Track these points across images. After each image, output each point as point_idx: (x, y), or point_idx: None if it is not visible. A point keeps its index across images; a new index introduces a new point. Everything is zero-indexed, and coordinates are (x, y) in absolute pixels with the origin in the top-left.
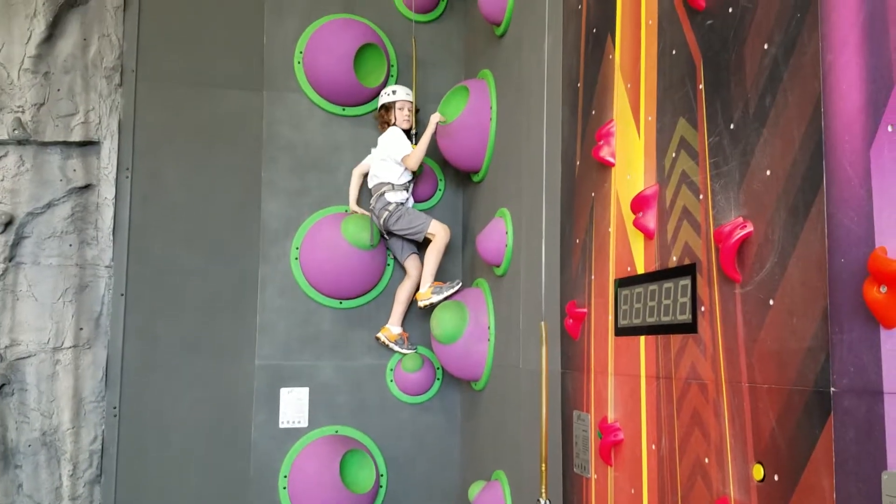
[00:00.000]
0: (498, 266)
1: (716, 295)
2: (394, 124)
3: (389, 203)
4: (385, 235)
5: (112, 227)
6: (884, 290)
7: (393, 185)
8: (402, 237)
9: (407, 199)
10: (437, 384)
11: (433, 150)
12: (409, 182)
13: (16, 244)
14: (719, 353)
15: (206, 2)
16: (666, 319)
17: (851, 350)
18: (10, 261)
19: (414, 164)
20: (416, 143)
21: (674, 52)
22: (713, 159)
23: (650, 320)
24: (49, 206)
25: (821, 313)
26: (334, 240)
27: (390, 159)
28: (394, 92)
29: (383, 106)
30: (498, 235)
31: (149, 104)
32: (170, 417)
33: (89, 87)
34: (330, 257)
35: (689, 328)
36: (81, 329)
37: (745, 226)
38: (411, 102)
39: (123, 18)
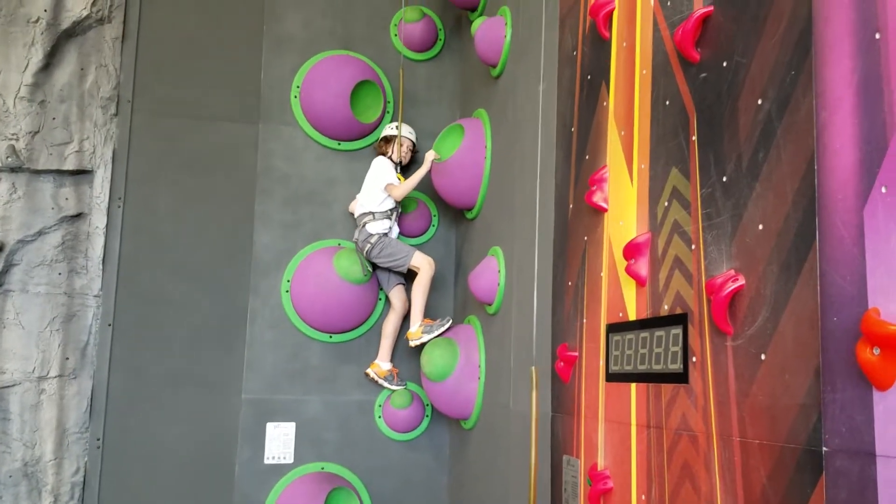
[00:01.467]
0: (490, 304)
1: (707, 346)
2: (389, 156)
3: (371, 235)
4: (371, 268)
5: (102, 256)
6: (877, 351)
7: (374, 214)
8: (387, 268)
9: (389, 228)
10: (425, 422)
11: (427, 186)
12: (390, 210)
13: (5, 271)
14: (710, 406)
15: (205, 35)
16: (657, 368)
17: (844, 410)
18: None
19: (399, 194)
20: (400, 174)
21: (667, 102)
22: (705, 210)
23: (641, 368)
24: (40, 234)
25: (813, 371)
26: (326, 273)
27: (374, 187)
28: (396, 127)
29: (384, 137)
30: (490, 273)
31: (144, 135)
32: (154, 450)
33: (85, 116)
34: (321, 291)
35: (681, 378)
36: (67, 359)
37: (738, 279)
38: (411, 141)
39: (121, 49)
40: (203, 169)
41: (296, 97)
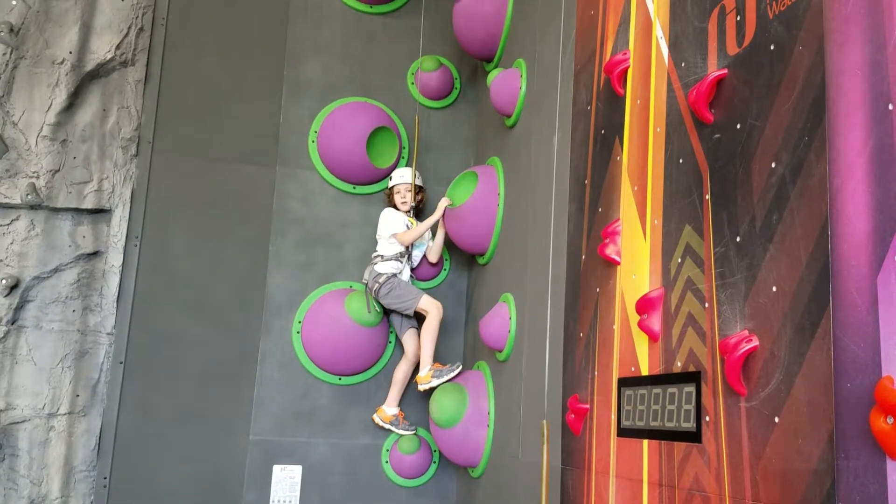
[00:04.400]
0: (500, 351)
1: (720, 406)
2: (393, 204)
3: (380, 274)
4: (379, 308)
5: (117, 294)
6: (891, 420)
7: (382, 256)
8: (396, 311)
9: (399, 270)
10: (433, 468)
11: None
12: (399, 254)
13: (20, 307)
14: (723, 467)
15: (226, 79)
16: (670, 425)
17: (858, 478)
18: (12, 324)
19: (407, 240)
20: (412, 218)
21: (681, 160)
22: (719, 269)
23: (654, 424)
24: (56, 270)
25: (826, 437)
26: (337, 315)
27: (382, 238)
28: (390, 178)
29: (388, 187)
30: (501, 320)
31: (163, 175)
32: (160, 490)
33: (105, 156)
34: (332, 332)
35: (694, 437)
36: (78, 396)
37: (751, 339)
38: (409, 184)
39: (144, 92)
40: (219, 210)
41: (313, 141)
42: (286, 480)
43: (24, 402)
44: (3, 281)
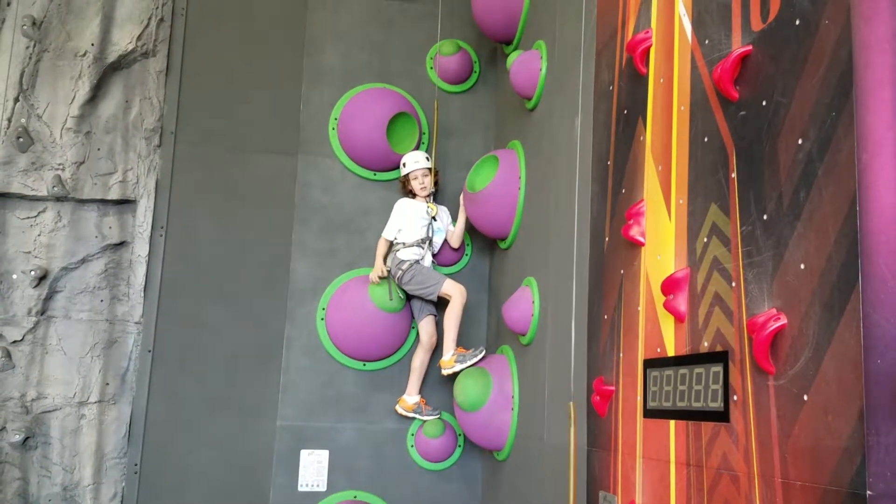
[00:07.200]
0: (524, 335)
1: (748, 385)
2: (410, 191)
3: (403, 261)
4: (402, 295)
5: (144, 283)
6: None
7: (404, 243)
8: (419, 297)
9: (422, 256)
10: (458, 451)
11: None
12: (420, 241)
13: (48, 298)
14: (752, 445)
15: (246, 68)
16: (697, 405)
17: (889, 454)
18: (41, 314)
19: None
20: (432, 202)
21: (706, 139)
22: (746, 248)
23: (681, 405)
24: (83, 261)
25: (857, 414)
26: (361, 301)
27: (404, 229)
28: (404, 165)
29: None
30: (524, 304)
31: (186, 165)
32: (190, 476)
33: (129, 147)
34: (356, 318)
35: (722, 416)
36: (108, 384)
37: (780, 318)
38: (425, 168)
39: (165, 82)
40: (243, 199)
41: (334, 129)
42: (314, 465)
43: (55, 391)
44: (32, 272)
